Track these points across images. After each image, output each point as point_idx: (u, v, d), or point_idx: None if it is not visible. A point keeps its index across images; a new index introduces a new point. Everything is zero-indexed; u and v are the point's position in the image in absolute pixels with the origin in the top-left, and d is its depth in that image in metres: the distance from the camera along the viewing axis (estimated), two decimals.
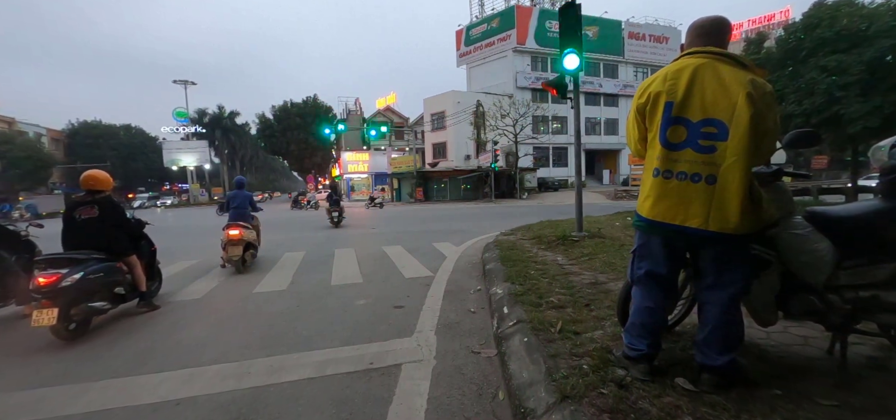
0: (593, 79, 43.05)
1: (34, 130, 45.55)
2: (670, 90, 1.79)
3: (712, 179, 1.73)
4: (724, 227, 1.72)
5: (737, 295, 1.87)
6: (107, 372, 2.71)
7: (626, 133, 2.10)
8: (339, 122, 23.24)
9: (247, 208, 6.62)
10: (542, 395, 1.99)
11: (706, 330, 1.91)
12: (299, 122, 51.02)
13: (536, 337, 2.64)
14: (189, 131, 52.07)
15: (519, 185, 32.00)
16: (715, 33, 1.85)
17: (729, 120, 1.69)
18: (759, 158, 1.77)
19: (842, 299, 1.91)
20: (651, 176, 1.87)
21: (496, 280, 4.36)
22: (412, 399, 2.28)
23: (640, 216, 1.96)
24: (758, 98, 1.66)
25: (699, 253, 1.95)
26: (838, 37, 11.40)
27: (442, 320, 3.57)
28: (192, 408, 2.30)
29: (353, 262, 6.54)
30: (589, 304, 3.26)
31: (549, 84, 7.02)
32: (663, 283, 2.01)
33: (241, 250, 6.05)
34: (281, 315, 3.92)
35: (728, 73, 1.73)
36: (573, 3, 6.40)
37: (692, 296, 2.49)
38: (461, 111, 35.24)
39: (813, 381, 1.97)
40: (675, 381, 1.96)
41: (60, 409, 2.33)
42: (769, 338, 2.48)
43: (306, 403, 2.29)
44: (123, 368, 2.81)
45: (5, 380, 2.76)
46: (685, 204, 1.78)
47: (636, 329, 2.05)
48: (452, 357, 2.81)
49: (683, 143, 1.78)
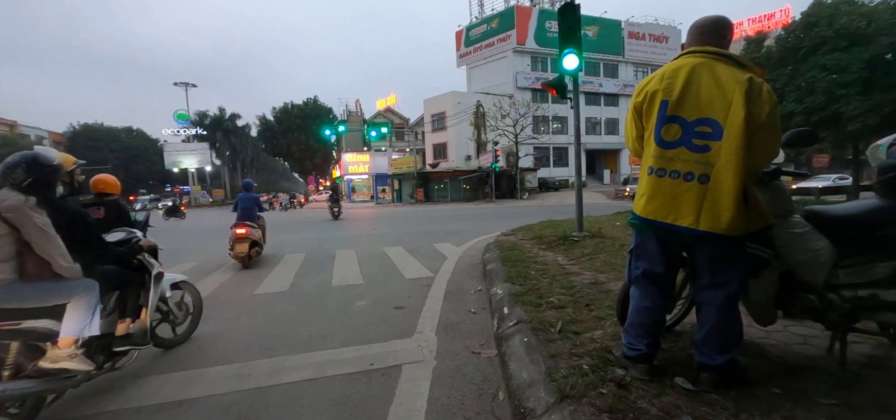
0: (593, 78, 43.06)
1: (36, 133, 45.79)
2: (666, 89, 1.80)
3: (705, 179, 1.73)
4: (715, 226, 1.71)
5: (733, 295, 1.86)
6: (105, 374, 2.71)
7: (625, 132, 2.11)
8: (339, 124, 23.33)
9: (253, 209, 7.20)
10: (541, 394, 2.00)
11: (704, 329, 1.91)
12: (300, 124, 51.20)
13: (536, 337, 2.65)
14: (190, 133, 52.11)
15: (519, 186, 32.00)
16: (715, 33, 1.85)
17: (723, 119, 1.69)
18: (758, 159, 1.76)
19: (841, 298, 1.91)
20: (646, 174, 1.88)
21: (496, 280, 4.36)
22: (412, 400, 2.28)
23: (635, 214, 1.97)
24: (754, 97, 1.66)
25: (694, 252, 1.95)
26: (838, 35, 11.42)
27: (442, 321, 3.58)
28: (194, 409, 2.31)
29: (353, 263, 6.55)
30: (589, 304, 3.27)
31: (549, 84, 7.03)
32: (660, 283, 2.01)
33: (247, 247, 6.54)
34: (282, 316, 3.93)
35: (725, 73, 1.73)
36: (572, 4, 6.41)
37: (691, 295, 2.49)
38: (461, 112, 35.26)
39: (812, 380, 1.97)
40: (675, 380, 1.96)
41: (63, 412, 2.33)
42: (769, 337, 2.48)
43: (307, 404, 2.30)
44: (124, 370, 2.81)
45: None
46: (677, 202, 1.78)
47: (635, 329, 2.05)
48: (453, 357, 2.82)
49: (678, 141, 1.78)
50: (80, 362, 2.20)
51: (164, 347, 3.16)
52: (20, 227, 2.09)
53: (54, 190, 2.38)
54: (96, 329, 2.31)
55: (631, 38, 45.05)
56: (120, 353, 2.60)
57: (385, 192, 35.64)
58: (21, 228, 2.10)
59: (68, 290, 2.24)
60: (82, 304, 2.25)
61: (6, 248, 2.10)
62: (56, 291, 2.21)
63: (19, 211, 2.08)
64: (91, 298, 2.30)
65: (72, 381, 2.21)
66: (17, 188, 2.14)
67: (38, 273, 2.18)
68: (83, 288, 2.28)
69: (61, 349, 2.16)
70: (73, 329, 2.20)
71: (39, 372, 2.10)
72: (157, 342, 3.04)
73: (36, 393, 2.08)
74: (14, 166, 2.18)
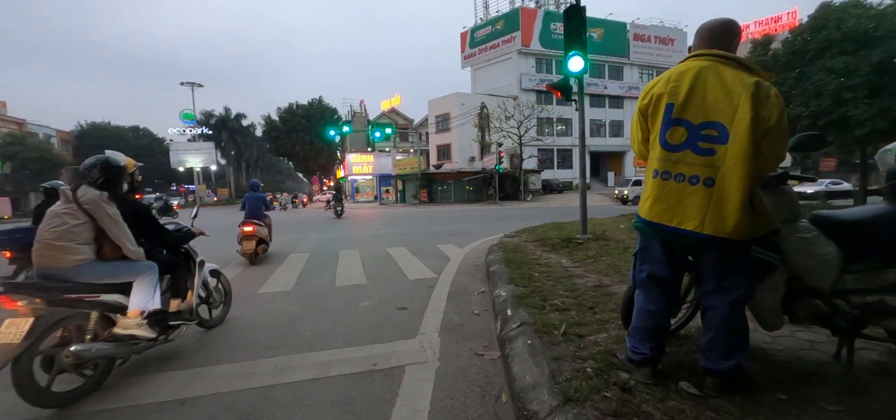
0: (598, 80, 42.92)
1: (44, 132, 46.07)
2: (672, 92, 1.79)
3: (710, 182, 1.71)
4: (720, 231, 1.70)
5: (739, 300, 1.84)
6: (112, 371, 2.73)
7: (631, 134, 2.10)
8: (344, 124, 23.43)
9: (260, 208, 7.53)
10: (545, 397, 1.99)
11: (710, 334, 1.89)
12: (304, 124, 51.32)
13: (540, 340, 2.64)
14: (196, 133, 52.43)
15: (523, 187, 31.95)
16: (722, 36, 1.84)
17: (729, 123, 1.68)
18: (766, 163, 1.75)
19: (848, 304, 1.89)
20: (651, 177, 1.87)
21: (500, 282, 4.36)
22: (415, 401, 2.28)
23: (639, 217, 1.96)
24: (761, 101, 1.64)
25: (700, 256, 1.93)
26: (846, 38, 11.30)
27: (445, 322, 3.58)
28: (197, 407, 2.32)
29: (357, 263, 6.56)
30: (593, 306, 3.25)
31: (554, 86, 7.02)
32: (665, 287, 1.99)
33: (254, 244, 6.90)
34: (285, 316, 3.94)
35: (731, 76, 1.72)
36: (578, 6, 6.40)
37: (696, 299, 2.47)
38: (465, 113, 35.26)
39: (819, 387, 1.95)
40: (679, 384, 1.95)
41: (68, 410, 2.35)
42: (774, 342, 2.46)
43: (310, 404, 2.31)
44: (128, 368, 2.83)
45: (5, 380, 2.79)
46: (681, 206, 1.77)
47: (639, 332, 2.04)
48: (456, 359, 2.81)
49: (683, 144, 1.77)
50: (145, 330, 2.66)
51: (205, 327, 3.53)
52: (96, 216, 2.56)
53: (121, 187, 2.84)
54: (157, 303, 2.81)
55: (636, 40, 44.87)
56: (173, 327, 3.00)
57: (389, 193, 35.68)
58: (97, 217, 2.56)
59: (134, 270, 2.71)
60: (146, 282, 2.73)
61: (86, 234, 2.55)
62: (126, 270, 2.69)
63: (96, 203, 2.56)
64: (152, 278, 2.78)
65: (137, 347, 2.69)
66: (93, 185, 2.64)
67: (112, 255, 2.65)
68: (146, 269, 2.76)
69: (130, 319, 2.62)
70: (139, 302, 2.67)
71: (113, 337, 2.56)
72: (199, 322, 3.39)
73: (111, 354, 2.53)
74: (91, 167, 2.67)
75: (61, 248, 2.44)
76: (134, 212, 2.82)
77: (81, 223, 2.52)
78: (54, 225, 2.49)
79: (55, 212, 2.54)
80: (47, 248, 2.45)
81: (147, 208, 3.04)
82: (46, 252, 2.45)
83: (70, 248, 2.46)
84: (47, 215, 2.54)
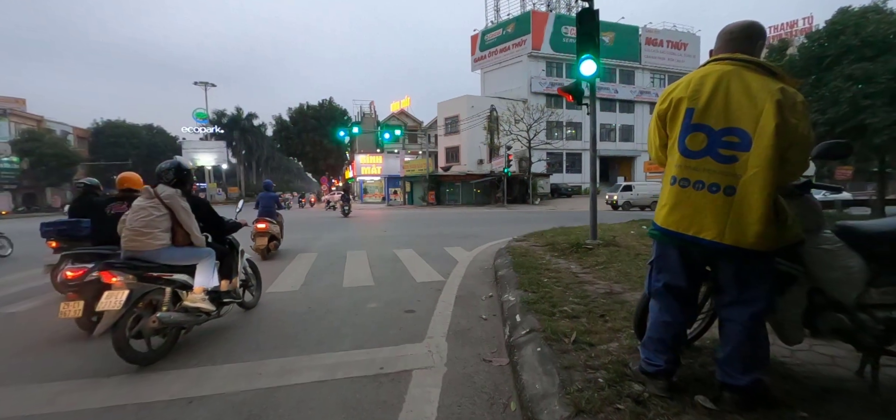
0: (609, 85, 42.66)
1: (61, 128, 47.02)
2: (692, 96, 1.73)
3: (731, 190, 1.65)
4: (741, 241, 1.63)
5: (760, 313, 1.77)
6: (120, 369, 2.74)
7: (648, 140, 2.04)
8: (353, 125, 23.49)
9: (272, 206, 7.97)
10: (555, 407, 1.93)
11: (728, 348, 1.82)
12: (315, 125, 51.74)
13: (550, 347, 2.58)
14: (208, 132, 53.15)
15: (531, 191, 31.81)
16: (745, 39, 1.78)
17: (753, 130, 1.61)
18: (789, 173, 1.68)
19: (874, 319, 1.82)
20: (669, 184, 1.81)
21: (508, 287, 4.30)
22: (422, 406, 2.25)
23: (655, 225, 1.89)
24: (787, 108, 1.58)
25: (719, 267, 1.86)
26: (864, 44, 11.08)
27: (453, 326, 3.54)
28: (204, 406, 2.31)
29: (364, 264, 6.55)
30: (604, 314, 3.19)
31: (565, 90, 6.94)
32: (682, 297, 1.92)
33: (266, 241, 7.33)
34: (292, 316, 3.93)
35: (755, 82, 1.65)
36: (591, 9, 6.34)
37: (712, 309, 2.40)
38: (475, 116, 35.26)
39: (841, 404, 1.87)
40: (695, 398, 1.88)
41: (74, 404, 2.36)
42: (793, 356, 2.38)
43: (316, 406, 2.28)
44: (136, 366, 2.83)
45: (22, 372, 2.82)
46: (700, 214, 1.70)
47: (654, 344, 1.98)
48: (463, 364, 2.77)
49: (703, 151, 1.71)
50: (208, 305, 3.15)
51: (244, 308, 4.02)
52: (174, 209, 3.10)
53: (190, 185, 3.40)
54: (216, 282, 3.32)
55: (648, 44, 44.54)
56: (225, 304, 3.50)
57: (397, 194, 35.78)
58: (174, 210, 3.10)
59: (198, 255, 3.22)
60: (207, 264, 3.24)
61: (165, 223, 3.07)
62: (192, 255, 3.21)
63: (173, 199, 3.10)
64: (211, 261, 3.29)
65: (200, 319, 3.17)
66: (169, 184, 3.19)
67: (182, 242, 3.16)
68: (207, 254, 3.28)
69: (196, 294, 3.11)
70: (202, 281, 3.17)
71: (184, 309, 3.05)
72: (240, 302, 3.89)
73: (183, 322, 3.03)
74: (167, 169, 3.26)
75: (148, 234, 2.95)
76: (197, 206, 3.34)
77: (162, 215, 3.04)
78: (141, 216, 2.97)
79: (141, 205, 3.02)
80: (137, 234, 2.93)
81: (207, 203, 3.60)
82: (135, 238, 2.93)
83: (155, 234, 2.97)
84: (133, 208, 3.03)
